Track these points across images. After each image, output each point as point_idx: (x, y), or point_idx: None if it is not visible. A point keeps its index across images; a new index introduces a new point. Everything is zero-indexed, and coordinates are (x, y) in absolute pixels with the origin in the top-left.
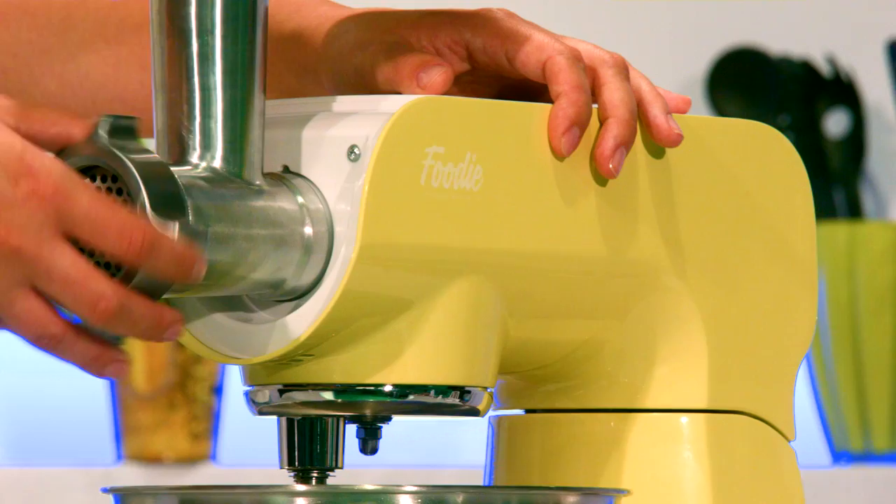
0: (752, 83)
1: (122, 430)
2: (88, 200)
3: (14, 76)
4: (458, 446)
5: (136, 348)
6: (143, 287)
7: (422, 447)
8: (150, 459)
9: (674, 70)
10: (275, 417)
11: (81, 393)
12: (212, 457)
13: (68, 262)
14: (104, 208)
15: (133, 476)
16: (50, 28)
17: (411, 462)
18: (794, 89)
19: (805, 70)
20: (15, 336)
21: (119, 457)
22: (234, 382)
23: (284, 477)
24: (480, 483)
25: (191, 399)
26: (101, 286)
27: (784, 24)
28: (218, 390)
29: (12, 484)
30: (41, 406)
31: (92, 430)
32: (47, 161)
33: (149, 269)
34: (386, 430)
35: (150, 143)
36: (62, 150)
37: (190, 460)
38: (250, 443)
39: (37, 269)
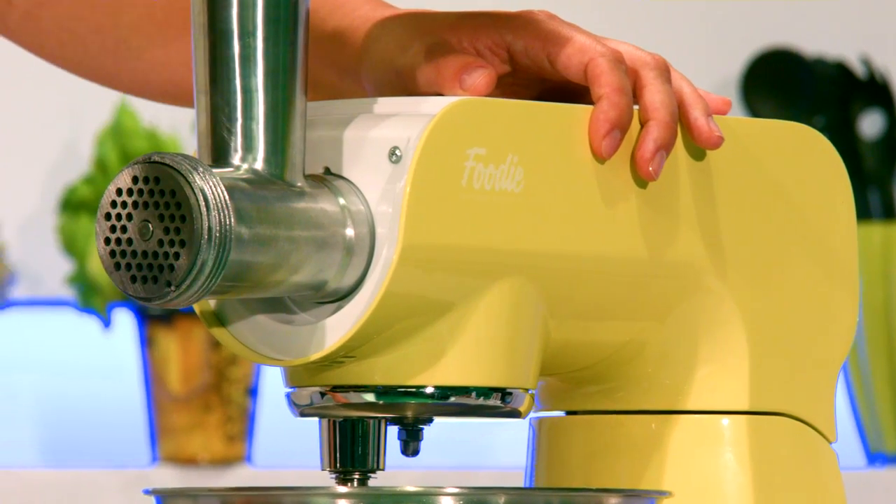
0: (787, 84)
1: (157, 432)
2: None
3: (71, 50)
4: (493, 448)
5: (171, 350)
6: None
7: (456, 449)
8: (186, 461)
9: (709, 71)
10: (311, 419)
11: (117, 395)
12: (247, 458)
13: None
14: None
15: (168, 478)
16: (102, 8)
17: (446, 464)
18: (829, 90)
19: (840, 71)
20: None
21: (154, 458)
22: (269, 384)
23: (321, 478)
24: (519, 484)
25: (226, 401)
26: None
27: (819, 26)
28: (253, 392)
29: (48, 486)
30: (77, 408)
31: (127, 431)
32: None
33: None
34: None
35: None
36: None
37: (225, 462)
38: (285, 444)
39: None
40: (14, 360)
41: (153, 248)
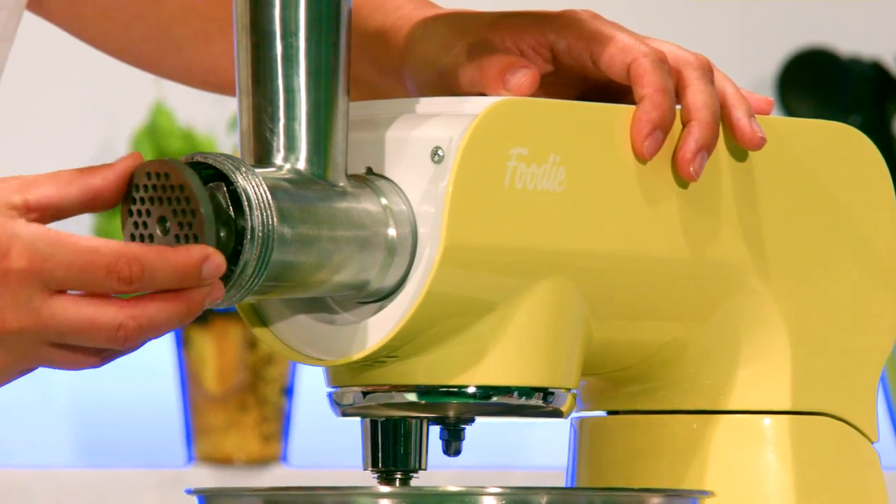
0: (823, 84)
1: (193, 432)
2: (65, 254)
3: (112, 37)
4: (527, 448)
5: (207, 350)
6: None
7: (490, 449)
8: (221, 461)
9: (745, 71)
10: (346, 419)
11: (153, 395)
12: (282, 458)
13: (71, 316)
14: (84, 254)
15: (204, 477)
16: None
17: (479, 463)
18: (865, 90)
19: (875, 71)
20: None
21: (190, 458)
22: (305, 384)
23: (357, 477)
24: (556, 484)
25: (262, 401)
26: (110, 319)
27: (854, 25)
28: (288, 392)
29: (84, 485)
30: (113, 408)
31: (163, 431)
32: (17, 230)
33: (152, 288)
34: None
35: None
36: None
37: (261, 461)
38: (321, 444)
39: (46, 336)
40: None
41: None
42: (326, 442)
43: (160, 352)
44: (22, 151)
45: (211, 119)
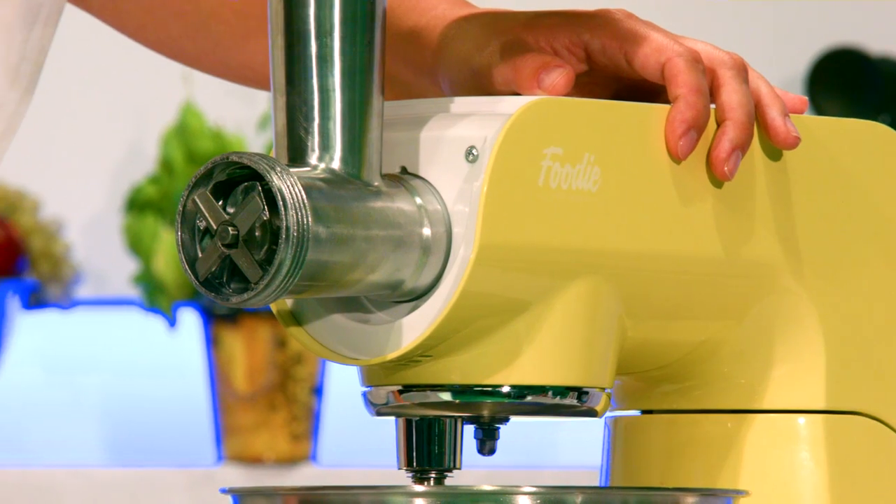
0: (853, 83)
1: (222, 431)
2: None
3: (152, 33)
4: (555, 447)
5: (236, 350)
6: None
7: (518, 448)
8: (251, 460)
9: (774, 70)
10: (375, 418)
11: (182, 394)
12: (312, 457)
13: None
14: None
15: (234, 477)
16: None
17: (508, 463)
18: (894, 89)
19: None
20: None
21: (220, 457)
22: (334, 383)
23: (387, 476)
24: (586, 483)
25: (291, 400)
26: None
27: (884, 25)
28: (318, 391)
29: (114, 484)
30: (142, 407)
31: (193, 430)
32: None
33: None
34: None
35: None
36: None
37: (290, 461)
38: (350, 443)
39: None
40: (80, 360)
41: None
42: (356, 441)
43: (190, 351)
44: (52, 151)
45: (240, 119)
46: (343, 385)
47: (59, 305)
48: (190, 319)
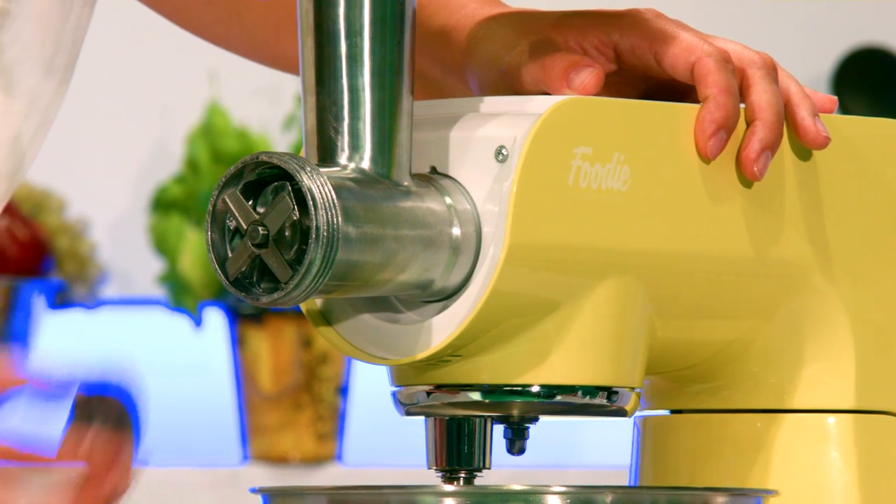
0: (879, 82)
1: (248, 431)
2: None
3: (186, 17)
4: (581, 447)
5: (262, 349)
6: None
7: (543, 448)
8: (277, 460)
9: (800, 69)
10: (401, 417)
11: (208, 394)
12: (337, 457)
13: None
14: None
15: (259, 476)
16: None
17: (532, 463)
18: None
19: None
20: None
21: (245, 457)
22: (360, 383)
23: (414, 476)
24: (610, 482)
25: (317, 399)
26: None
27: None
28: (343, 391)
29: (140, 483)
30: (167, 407)
31: (218, 430)
32: None
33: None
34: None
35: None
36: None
37: (316, 460)
38: (376, 443)
39: None
40: (105, 360)
41: None
42: (381, 441)
43: (215, 351)
44: (78, 151)
45: (266, 118)
46: (369, 385)
47: (84, 305)
48: (215, 319)
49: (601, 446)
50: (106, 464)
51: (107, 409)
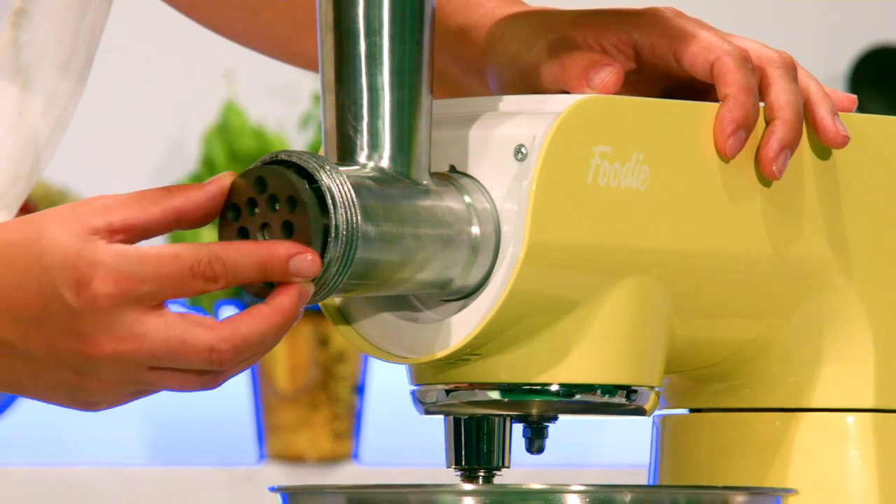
0: (894, 81)
1: (264, 430)
2: (149, 268)
3: (205, 14)
4: (596, 446)
5: (278, 348)
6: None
7: (558, 447)
8: (293, 458)
9: (816, 68)
10: (417, 416)
11: (224, 393)
12: (353, 456)
13: (161, 336)
14: (167, 263)
15: (276, 475)
16: None
17: (547, 462)
18: None
19: None
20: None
21: (261, 456)
22: (376, 382)
23: (430, 475)
24: (627, 482)
25: (333, 398)
26: (201, 341)
27: None
28: (360, 389)
29: (156, 483)
30: (184, 406)
31: (234, 429)
32: (97, 256)
33: (238, 282)
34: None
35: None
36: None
37: (332, 459)
38: (392, 442)
39: (142, 359)
40: None
41: None
42: (398, 440)
43: None
44: (94, 150)
45: (282, 117)
46: (385, 383)
47: None
48: None
49: (617, 445)
50: None
51: None
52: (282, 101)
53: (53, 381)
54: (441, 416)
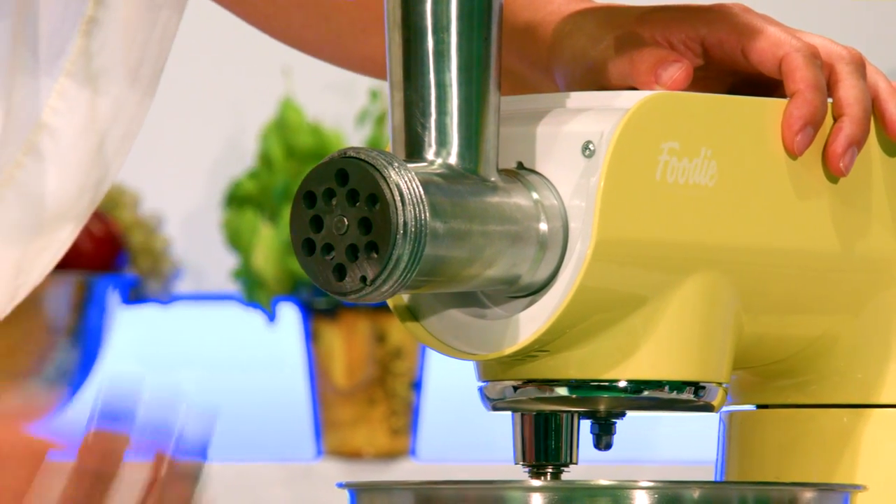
0: None
1: (322, 426)
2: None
3: (276, 22)
4: (653, 442)
5: (335, 344)
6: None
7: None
8: (350, 455)
9: (884, 64)
10: (475, 413)
11: (281, 389)
12: (411, 452)
13: None
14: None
15: (333, 471)
16: None
17: (604, 458)
18: None
19: None
20: None
21: (319, 452)
22: (434, 377)
23: (489, 471)
24: (686, 478)
25: (390, 394)
26: None
27: None
28: (417, 386)
29: (213, 478)
30: (241, 402)
31: (292, 425)
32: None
33: None
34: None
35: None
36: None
37: (389, 455)
38: (449, 438)
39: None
40: (179, 355)
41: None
42: (455, 436)
43: (289, 346)
44: (151, 147)
45: (339, 114)
46: (442, 380)
47: (158, 300)
48: (289, 314)
49: (675, 441)
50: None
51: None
52: (339, 98)
53: None
54: (506, 413)
